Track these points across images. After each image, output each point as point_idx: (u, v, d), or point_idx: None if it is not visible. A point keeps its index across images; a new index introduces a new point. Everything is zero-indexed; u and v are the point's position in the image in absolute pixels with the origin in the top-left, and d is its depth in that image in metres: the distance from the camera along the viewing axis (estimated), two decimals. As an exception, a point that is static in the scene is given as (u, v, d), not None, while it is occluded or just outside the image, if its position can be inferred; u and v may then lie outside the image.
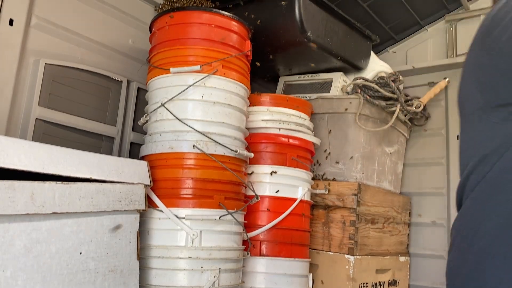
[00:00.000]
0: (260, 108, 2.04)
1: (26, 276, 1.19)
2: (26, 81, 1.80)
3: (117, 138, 2.12)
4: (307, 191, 2.06)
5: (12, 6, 1.73)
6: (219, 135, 1.73)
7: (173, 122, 1.71)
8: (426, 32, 2.87)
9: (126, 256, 1.47)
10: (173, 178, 1.68)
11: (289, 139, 2.03)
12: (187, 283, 1.60)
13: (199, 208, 1.66)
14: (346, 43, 2.36)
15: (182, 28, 1.79)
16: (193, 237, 1.63)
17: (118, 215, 1.46)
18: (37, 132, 1.80)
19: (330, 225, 2.18)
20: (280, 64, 2.47)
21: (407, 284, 2.54)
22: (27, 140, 1.34)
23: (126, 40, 2.20)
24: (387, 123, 2.29)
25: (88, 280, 1.35)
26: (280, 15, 2.12)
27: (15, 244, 1.18)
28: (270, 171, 1.97)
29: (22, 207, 1.18)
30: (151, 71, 1.85)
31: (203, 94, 1.72)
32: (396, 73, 2.37)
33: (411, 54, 2.91)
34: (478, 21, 2.65)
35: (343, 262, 2.09)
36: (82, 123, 1.95)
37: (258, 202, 1.92)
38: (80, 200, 1.33)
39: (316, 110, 2.29)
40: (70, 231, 1.31)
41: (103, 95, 2.07)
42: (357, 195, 2.15)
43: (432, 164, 2.63)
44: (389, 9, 2.70)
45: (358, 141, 2.24)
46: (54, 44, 1.90)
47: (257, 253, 1.91)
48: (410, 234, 2.63)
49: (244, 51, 1.87)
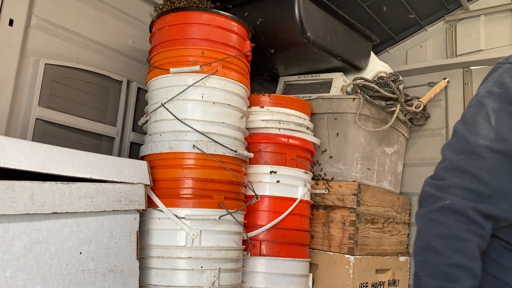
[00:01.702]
0: (260, 108, 2.04)
1: (26, 276, 1.19)
2: (26, 81, 1.80)
3: (117, 138, 2.12)
4: (307, 191, 2.07)
5: (12, 6, 1.73)
6: (219, 135, 1.73)
7: (173, 122, 1.72)
8: (426, 32, 2.87)
9: (126, 256, 1.48)
10: (173, 178, 1.68)
11: (289, 139, 2.03)
12: (187, 283, 1.60)
13: (199, 208, 1.66)
14: (346, 43, 2.36)
15: (182, 28, 1.79)
16: (193, 237, 1.63)
17: (118, 215, 1.46)
18: (37, 132, 1.80)
19: (330, 225, 2.18)
20: (280, 64, 2.47)
21: (407, 284, 2.54)
22: (27, 140, 1.34)
23: (126, 40, 2.20)
24: (387, 123, 2.29)
25: (88, 280, 1.35)
26: (280, 15, 2.12)
27: (15, 244, 1.18)
28: (270, 171, 1.97)
29: (22, 207, 1.18)
30: (151, 71, 1.85)
31: (203, 94, 1.72)
32: (396, 73, 2.37)
33: (411, 54, 2.92)
34: (478, 21, 2.66)
35: (343, 262, 2.10)
36: (82, 123, 1.96)
37: (258, 202, 1.92)
38: (80, 200, 1.33)
39: (316, 110, 2.29)
40: (70, 231, 1.31)
41: (103, 95, 2.07)
42: (357, 195, 2.15)
43: (432, 164, 2.62)
44: (389, 9, 2.71)
45: (358, 141, 2.24)
46: (54, 44, 1.90)
47: (257, 253, 1.91)
48: (410, 234, 2.63)
49: (244, 51, 1.87)
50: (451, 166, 1.02)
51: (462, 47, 2.69)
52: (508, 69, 1.03)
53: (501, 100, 1.00)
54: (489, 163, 0.98)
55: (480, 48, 2.60)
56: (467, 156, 1.00)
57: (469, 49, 2.65)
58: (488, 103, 1.01)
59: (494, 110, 1.00)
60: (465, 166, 1.00)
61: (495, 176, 0.97)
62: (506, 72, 1.03)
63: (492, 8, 2.63)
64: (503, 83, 1.01)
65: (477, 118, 1.02)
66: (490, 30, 2.61)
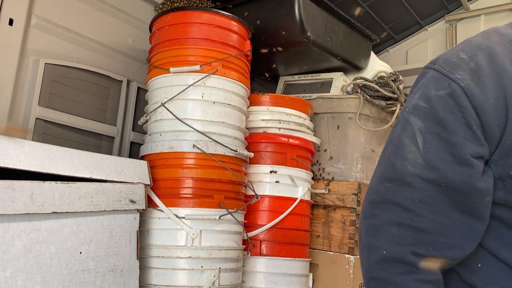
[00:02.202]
0: (260, 108, 2.04)
1: (25, 276, 1.19)
2: (26, 81, 1.79)
3: (117, 137, 2.12)
4: (307, 190, 2.06)
5: (12, 6, 1.73)
6: (219, 135, 1.73)
7: (173, 122, 1.71)
8: (426, 32, 2.87)
9: (126, 256, 1.47)
10: (173, 178, 1.68)
11: (289, 139, 2.03)
12: (187, 283, 1.60)
13: (199, 207, 1.66)
14: (346, 43, 2.36)
15: (182, 28, 1.79)
16: (193, 237, 1.63)
17: (118, 215, 1.46)
18: (37, 132, 1.80)
19: (330, 224, 2.18)
20: (280, 64, 2.47)
21: (407, 284, 2.53)
22: (27, 140, 1.34)
23: (126, 40, 2.20)
24: (387, 123, 2.29)
25: (88, 280, 1.34)
26: (280, 15, 2.12)
27: (15, 244, 1.17)
28: (270, 170, 1.97)
29: (21, 207, 1.18)
30: (151, 71, 1.84)
31: (203, 94, 1.72)
32: (396, 73, 2.37)
33: (411, 54, 2.92)
34: (478, 21, 2.66)
35: (343, 262, 2.09)
36: (82, 123, 1.95)
37: (258, 202, 1.92)
38: (80, 200, 1.33)
39: (316, 110, 2.29)
40: (70, 231, 1.31)
41: (103, 95, 2.07)
42: (357, 195, 2.14)
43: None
44: (389, 9, 2.70)
45: (358, 140, 2.24)
46: (54, 44, 1.90)
47: (257, 252, 1.91)
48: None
49: (244, 51, 1.87)
50: (379, 199, 0.87)
51: (462, 46, 2.68)
52: (434, 78, 0.85)
53: (428, 119, 0.84)
54: (421, 193, 0.83)
55: (480, 48, 2.60)
56: (395, 185, 0.85)
57: (469, 49, 2.64)
58: (414, 121, 0.85)
59: (420, 130, 0.84)
60: (393, 197, 0.85)
61: (430, 206, 0.83)
62: (432, 82, 0.85)
63: (492, 7, 2.63)
64: (428, 97, 0.84)
65: (403, 139, 0.86)
66: (490, 30, 2.61)
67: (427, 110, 0.84)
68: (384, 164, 0.90)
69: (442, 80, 0.84)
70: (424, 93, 0.86)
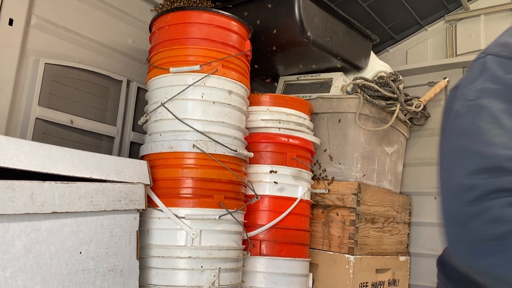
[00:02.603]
0: (260, 107, 2.04)
1: (25, 276, 1.19)
2: (26, 80, 1.80)
3: (117, 137, 2.12)
4: (307, 190, 2.07)
5: (12, 6, 1.73)
6: (219, 135, 1.73)
7: (173, 122, 1.71)
8: (426, 32, 2.87)
9: (126, 256, 1.47)
10: (173, 178, 1.68)
11: (289, 139, 2.03)
12: (187, 283, 1.60)
13: (199, 207, 1.66)
14: (346, 43, 2.36)
15: (182, 28, 1.79)
16: (193, 237, 1.63)
17: (118, 215, 1.46)
18: (37, 132, 1.80)
19: (330, 224, 2.18)
20: (280, 64, 2.47)
21: (407, 283, 2.54)
22: (27, 140, 1.34)
23: (126, 40, 2.20)
24: (387, 123, 2.29)
25: (88, 280, 1.35)
26: (280, 15, 2.12)
27: (15, 244, 1.17)
28: (270, 170, 1.97)
29: (21, 207, 1.18)
30: (151, 71, 1.85)
31: (203, 93, 1.72)
32: (396, 73, 2.37)
33: (411, 54, 2.92)
34: (478, 21, 2.66)
35: (343, 262, 2.09)
36: (82, 123, 1.95)
37: (258, 202, 1.92)
38: (80, 200, 1.33)
39: (316, 110, 2.29)
40: (70, 231, 1.31)
41: (103, 95, 2.07)
42: (357, 195, 2.15)
43: (432, 164, 2.62)
44: (389, 9, 2.71)
45: (358, 140, 2.24)
46: (54, 44, 1.90)
47: (257, 252, 1.91)
48: (410, 233, 2.63)
49: (244, 51, 1.87)
50: (478, 194, 0.76)
51: (462, 46, 2.69)
52: (496, 62, 0.83)
53: (506, 99, 0.79)
54: None
55: (480, 48, 2.60)
56: (493, 174, 0.76)
57: (469, 49, 2.65)
58: (490, 103, 0.80)
59: (502, 110, 0.78)
60: (499, 185, 0.75)
61: None
62: (495, 66, 0.83)
63: (492, 7, 2.63)
64: (498, 77, 0.81)
65: (481, 124, 0.79)
66: (490, 30, 2.61)
67: (499, 90, 0.81)
68: (466, 159, 0.81)
69: (506, 63, 0.83)
70: (490, 75, 0.83)
